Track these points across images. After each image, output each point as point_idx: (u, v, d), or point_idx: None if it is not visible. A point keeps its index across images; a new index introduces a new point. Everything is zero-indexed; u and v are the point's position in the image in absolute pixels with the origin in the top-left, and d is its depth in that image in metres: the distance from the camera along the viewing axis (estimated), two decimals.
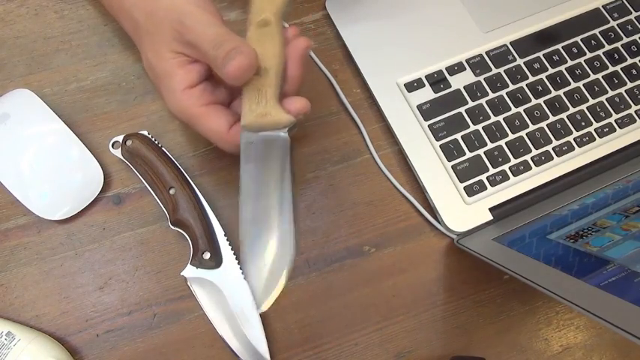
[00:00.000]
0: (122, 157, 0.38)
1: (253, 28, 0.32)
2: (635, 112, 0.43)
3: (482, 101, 0.42)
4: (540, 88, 0.43)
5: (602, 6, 0.46)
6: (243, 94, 0.32)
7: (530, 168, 0.41)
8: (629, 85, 0.43)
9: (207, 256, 0.36)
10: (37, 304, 0.37)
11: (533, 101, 0.42)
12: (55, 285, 0.38)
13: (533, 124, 0.42)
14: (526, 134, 0.41)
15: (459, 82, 0.43)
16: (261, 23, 0.32)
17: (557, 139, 0.41)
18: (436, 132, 0.41)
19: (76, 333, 0.37)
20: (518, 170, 0.40)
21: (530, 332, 0.39)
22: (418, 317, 0.39)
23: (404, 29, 0.44)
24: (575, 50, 0.44)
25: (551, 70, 0.43)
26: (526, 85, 0.43)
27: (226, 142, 0.32)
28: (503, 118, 0.42)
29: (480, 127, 0.41)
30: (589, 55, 0.44)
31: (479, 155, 0.41)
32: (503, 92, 0.42)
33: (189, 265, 0.36)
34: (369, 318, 0.39)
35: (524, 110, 0.42)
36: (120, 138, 0.38)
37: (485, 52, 0.44)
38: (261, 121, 0.31)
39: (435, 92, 0.42)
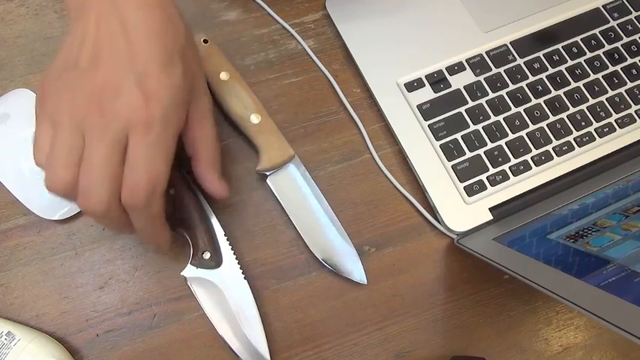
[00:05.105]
0: None
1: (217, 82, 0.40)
2: (635, 112, 0.43)
3: (483, 101, 0.42)
4: (540, 87, 0.43)
5: (602, 6, 0.46)
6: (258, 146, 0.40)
7: (530, 168, 0.41)
8: (629, 84, 0.43)
9: (207, 256, 0.36)
10: (37, 304, 0.37)
11: (533, 101, 0.42)
12: (55, 285, 0.38)
13: (534, 123, 0.42)
14: (526, 134, 0.41)
15: (459, 81, 0.43)
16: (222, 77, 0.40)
17: (557, 139, 0.41)
18: (436, 132, 0.41)
19: (76, 333, 0.37)
20: (518, 170, 0.40)
21: (530, 332, 0.39)
22: (418, 317, 0.39)
23: (404, 29, 0.44)
24: (575, 50, 0.44)
25: (551, 70, 0.43)
26: (526, 84, 0.43)
27: None
28: (503, 118, 0.42)
29: (480, 126, 0.41)
30: (589, 54, 0.44)
31: (479, 155, 0.41)
32: (503, 92, 0.42)
33: (189, 265, 0.36)
34: (369, 318, 0.39)
35: (524, 110, 0.42)
36: None
37: (486, 52, 0.44)
38: (276, 158, 0.39)
39: (435, 92, 0.42)
